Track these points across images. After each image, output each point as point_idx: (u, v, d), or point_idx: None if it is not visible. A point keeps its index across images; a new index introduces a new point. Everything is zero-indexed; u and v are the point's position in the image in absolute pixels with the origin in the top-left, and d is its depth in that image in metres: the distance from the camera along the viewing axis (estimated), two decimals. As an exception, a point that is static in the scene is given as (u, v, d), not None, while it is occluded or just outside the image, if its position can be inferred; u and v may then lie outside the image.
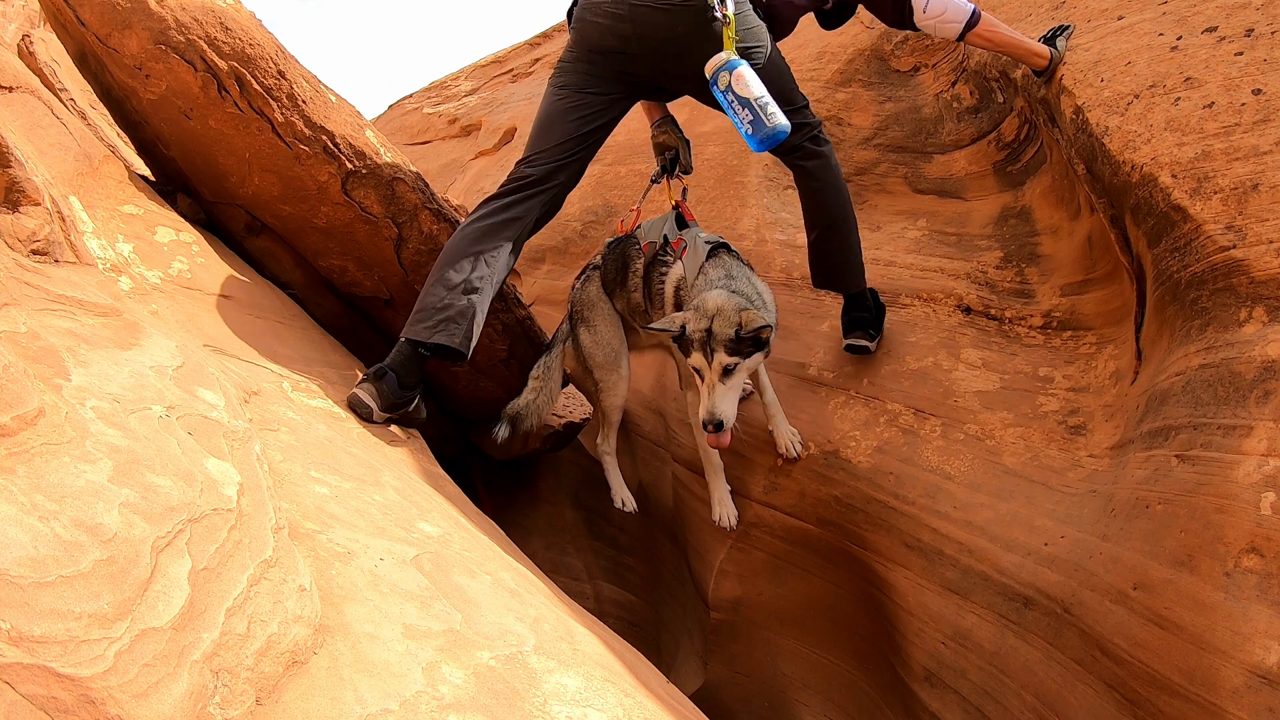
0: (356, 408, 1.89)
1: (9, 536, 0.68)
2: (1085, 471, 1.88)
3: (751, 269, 2.31)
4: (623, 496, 2.72)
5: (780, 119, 1.95)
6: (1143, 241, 1.82)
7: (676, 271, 2.33)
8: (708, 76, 2.01)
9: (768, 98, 1.96)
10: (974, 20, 2.16)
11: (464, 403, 2.78)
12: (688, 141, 2.56)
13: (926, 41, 2.87)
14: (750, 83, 1.97)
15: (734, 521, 2.49)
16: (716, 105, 2.12)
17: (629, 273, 2.49)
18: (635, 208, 2.62)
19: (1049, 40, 2.24)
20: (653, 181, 2.61)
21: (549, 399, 2.61)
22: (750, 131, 1.97)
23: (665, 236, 2.41)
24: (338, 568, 1.07)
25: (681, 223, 2.45)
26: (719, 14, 2.02)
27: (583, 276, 2.67)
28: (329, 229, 2.37)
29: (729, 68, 1.97)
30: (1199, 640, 1.37)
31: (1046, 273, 2.34)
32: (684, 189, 2.57)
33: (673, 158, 2.55)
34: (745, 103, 1.96)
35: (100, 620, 0.68)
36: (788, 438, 2.44)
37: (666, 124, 2.53)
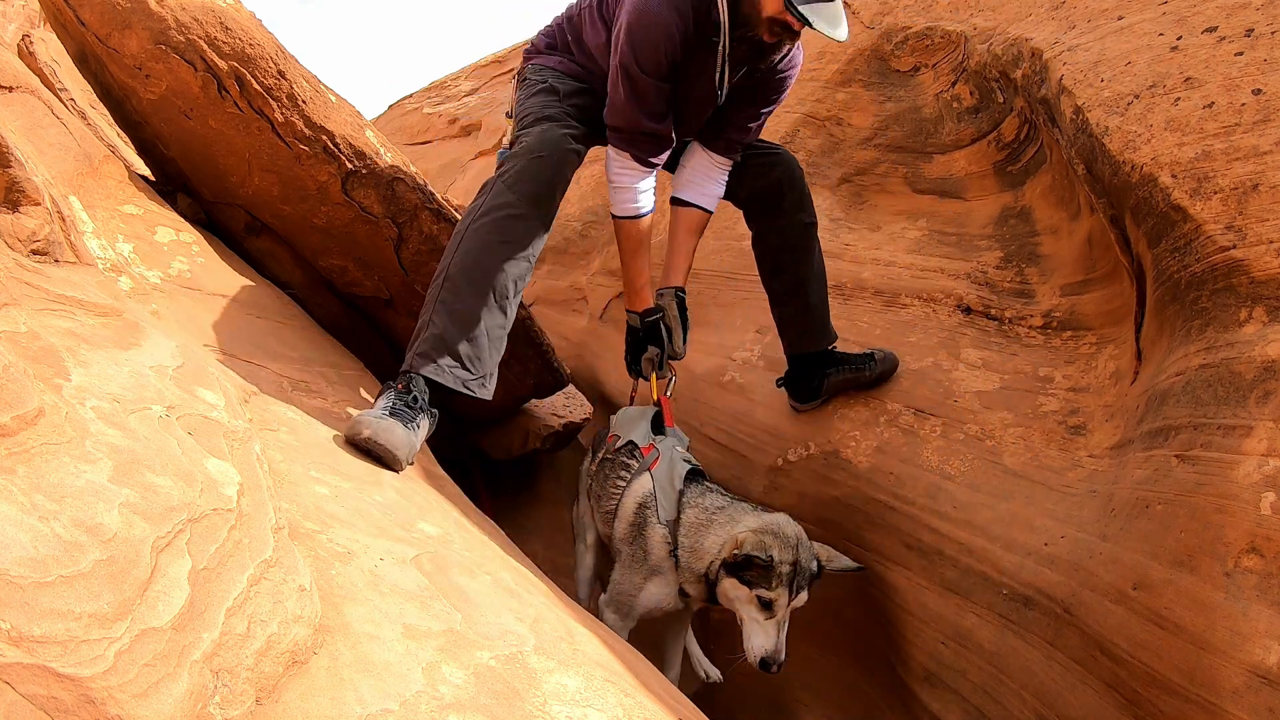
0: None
1: (9, 536, 0.68)
2: (1085, 471, 1.88)
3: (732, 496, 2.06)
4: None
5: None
6: (1143, 241, 1.82)
7: (642, 486, 2.06)
8: None
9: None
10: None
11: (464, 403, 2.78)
12: (685, 323, 2.37)
13: (926, 41, 2.87)
14: None
15: (718, 676, 2.35)
16: None
17: (593, 459, 2.33)
18: (633, 391, 2.49)
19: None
20: (640, 377, 2.38)
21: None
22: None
23: (633, 442, 2.19)
24: (338, 568, 1.07)
25: (660, 425, 2.24)
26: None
27: (590, 450, 2.50)
28: (329, 229, 2.37)
29: None
30: (1199, 640, 1.37)
31: (1046, 273, 2.34)
32: (671, 380, 2.35)
33: (660, 352, 2.33)
34: None
35: (100, 620, 0.68)
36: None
37: (670, 297, 2.35)
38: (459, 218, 2.59)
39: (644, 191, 2.21)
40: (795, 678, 2.46)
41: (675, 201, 2.38)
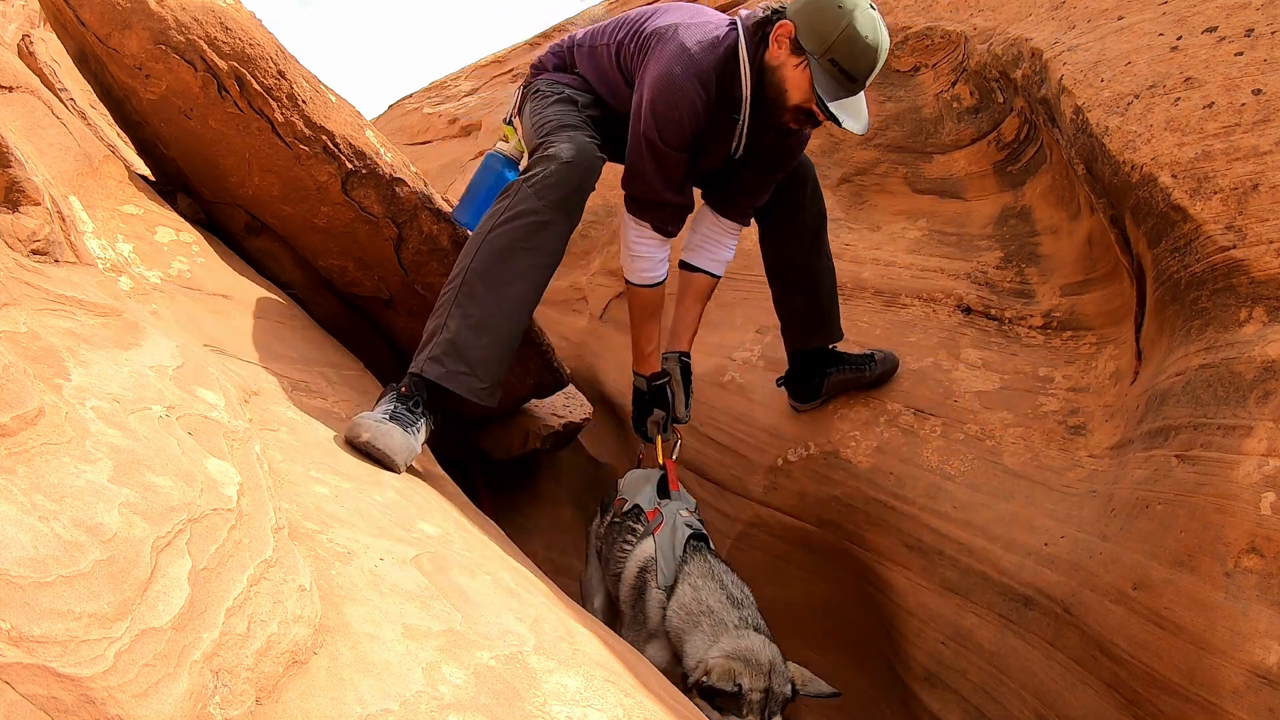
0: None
1: (9, 536, 0.68)
2: (1085, 471, 1.88)
3: (730, 567, 2.02)
4: None
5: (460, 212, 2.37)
6: (1143, 241, 1.81)
7: (645, 550, 2.06)
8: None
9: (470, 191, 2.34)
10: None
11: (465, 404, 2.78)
12: (688, 387, 2.37)
13: (926, 41, 2.87)
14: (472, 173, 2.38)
15: None
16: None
17: (600, 521, 2.33)
18: (640, 453, 2.46)
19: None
20: (646, 440, 2.38)
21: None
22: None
23: (638, 505, 2.18)
24: (338, 568, 1.07)
25: (664, 488, 2.22)
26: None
27: (599, 511, 2.49)
28: (329, 229, 2.37)
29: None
30: (1199, 640, 1.37)
31: (1046, 273, 2.34)
32: (676, 443, 2.34)
33: (666, 415, 2.33)
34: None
35: (100, 620, 0.68)
36: None
37: (674, 362, 2.35)
38: (459, 218, 2.59)
39: (661, 260, 2.21)
40: (795, 678, 2.46)
41: (684, 266, 2.37)
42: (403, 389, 1.75)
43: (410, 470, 1.67)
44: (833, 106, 1.86)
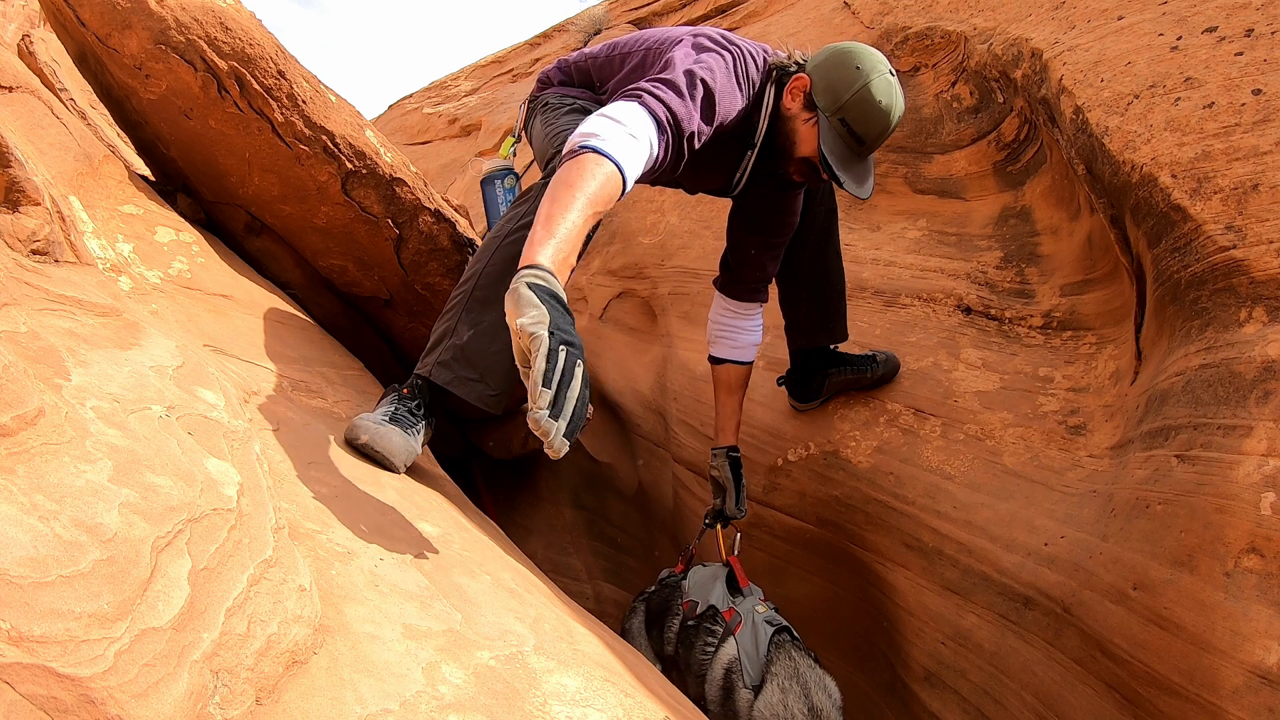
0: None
1: (9, 536, 0.68)
2: (1085, 471, 1.88)
3: (815, 658, 2.00)
4: None
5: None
6: (1143, 241, 1.81)
7: (729, 651, 2.05)
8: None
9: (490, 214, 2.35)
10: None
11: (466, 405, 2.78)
12: (739, 482, 2.29)
13: (926, 41, 2.87)
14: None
15: None
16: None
17: (665, 624, 2.30)
18: (692, 547, 2.42)
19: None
20: (706, 526, 2.37)
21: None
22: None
23: (713, 605, 2.15)
24: (338, 568, 1.07)
25: (734, 585, 2.19)
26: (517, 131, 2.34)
27: (632, 605, 2.47)
28: (329, 229, 2.37)
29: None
30: (1199, 640, 1.37)
31: (1046, 273, 2.34)
32: (737, 537, 2.30)
33: (718, 508, 2.32)
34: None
35: (100, 620, 0.68)
36: None
37: (721, 458, 2.30)
38: (459, 218, 2.59)
39: (642, 137, 1.60)
40: (795, 678, 2.46)
41: (712, 360, 2.35)
42: (404, 390, 1.74)
43: (410, 471, 1.67)
44: (840, 173, 1.81)
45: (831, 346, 2.43)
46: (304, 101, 2.21)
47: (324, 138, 2.24)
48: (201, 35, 2.07)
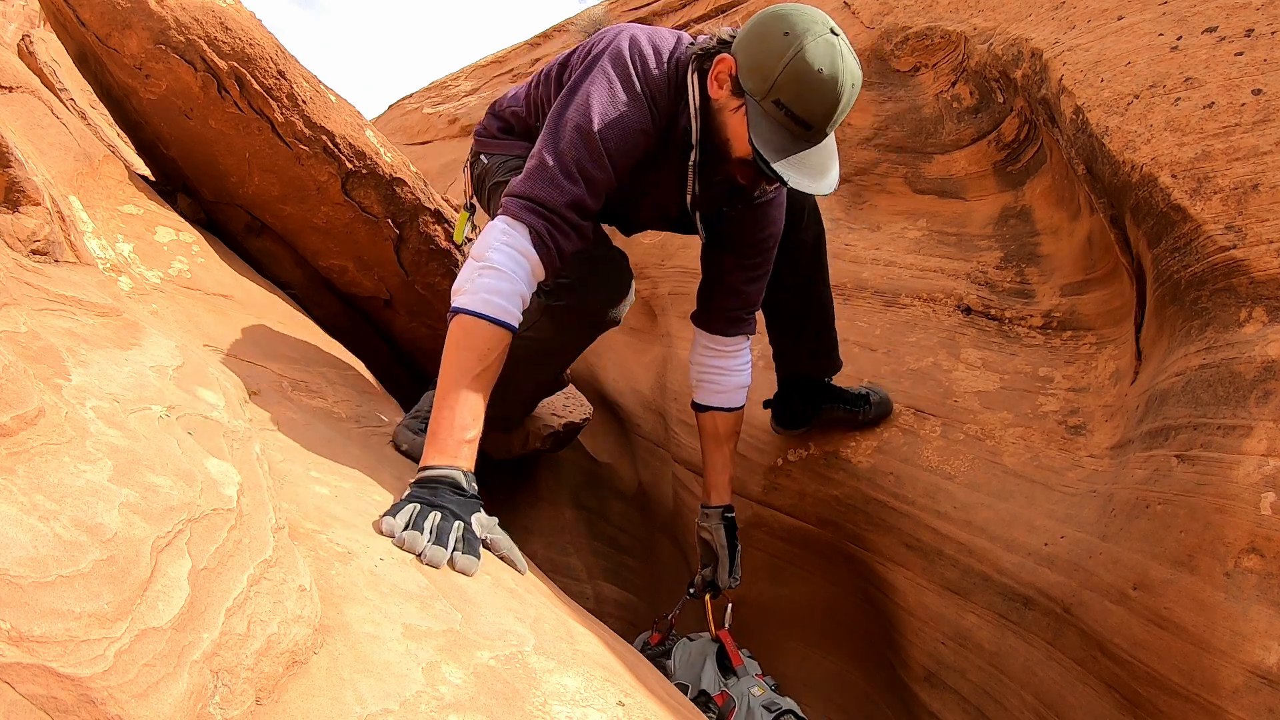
0: None
1: (9, 536, 0.68)
2: (1085, 471, 1.88)
3: None
4: None
5: None
6: (1143, 241, 1.82)
7: None
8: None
9: None
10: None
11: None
12: (734, 548, 2.05)
13: (926, 41, 2.87)
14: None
15: None
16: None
17: None
18: (671, 616, 2.17)
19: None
20: (690, 595, 2.13)
21: None
22: None
23: (704, 691, 1.90)
24: (338, 568, 1.07)
25: (726, 663, 1.95)
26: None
27: None
28: (329, 229, 2.37)
29: None
30: (1199, 640, 1.37)
31: (1046, 273, 2.34)
32: (728, 608, 2.04)
33: (708, 578, 2.07)
34: None
35: (100, 620, 0.68)
36: None
37: (715, 519, 2.08)
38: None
39: (514, 295, 1.50)
40: (795, 678, 2.46)
41: (695, 408, 2.10)
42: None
43: (410, 470, 1.67)
44: (780, 166, 1.46)
45: (824, 379, 2.32)
46: (304, 101, 2.21)
47: (324, 138, 2.24)
48: (201, 35, 2.07)
